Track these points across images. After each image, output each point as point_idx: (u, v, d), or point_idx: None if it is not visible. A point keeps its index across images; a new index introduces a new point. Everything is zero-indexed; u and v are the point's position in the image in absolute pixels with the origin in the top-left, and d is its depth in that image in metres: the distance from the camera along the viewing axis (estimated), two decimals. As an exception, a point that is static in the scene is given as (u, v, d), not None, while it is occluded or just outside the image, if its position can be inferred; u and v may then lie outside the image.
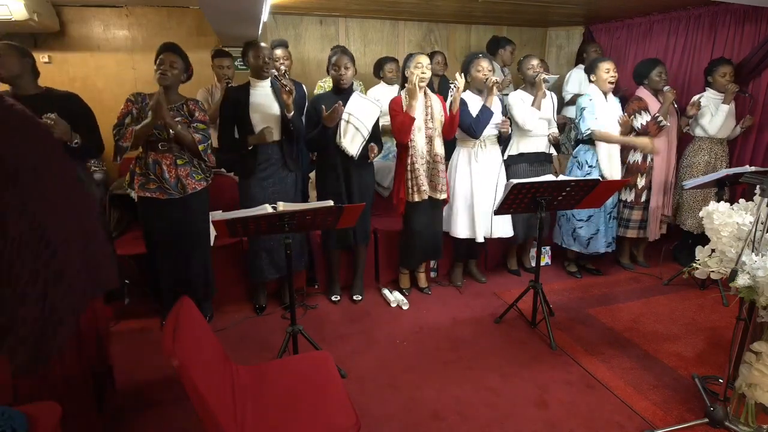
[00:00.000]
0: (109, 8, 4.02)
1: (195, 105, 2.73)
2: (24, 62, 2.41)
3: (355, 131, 2.96)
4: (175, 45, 2.65)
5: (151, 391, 2.40)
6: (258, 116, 2.84)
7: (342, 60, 2.92)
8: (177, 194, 2.70)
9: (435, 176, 3.10)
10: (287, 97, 2.72)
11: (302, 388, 1.77)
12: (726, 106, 3.42)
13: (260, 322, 3.08)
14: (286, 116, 2.80)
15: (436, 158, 3.07)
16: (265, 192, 2.91)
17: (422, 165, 3.05)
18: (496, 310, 3.15)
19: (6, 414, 1.44)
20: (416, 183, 3.05)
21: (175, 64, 2.61)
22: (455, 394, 2.35)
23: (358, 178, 3.06)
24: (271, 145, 2.89)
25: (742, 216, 1.92)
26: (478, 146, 3.23)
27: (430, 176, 3.10)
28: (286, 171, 2.97)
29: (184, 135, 2.61)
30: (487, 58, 3.15)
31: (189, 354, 1.43)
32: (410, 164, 3.04)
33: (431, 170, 3.10)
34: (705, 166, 3.58)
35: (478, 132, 3.11)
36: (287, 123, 2.83)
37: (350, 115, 2.94)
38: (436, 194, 3.13)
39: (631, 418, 2.18)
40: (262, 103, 2.85)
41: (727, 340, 2.70)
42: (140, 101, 2.65)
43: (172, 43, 2.65)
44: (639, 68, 3.59)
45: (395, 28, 4.93)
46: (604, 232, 3.53)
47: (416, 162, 3.03)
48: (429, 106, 3.03)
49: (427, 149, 3.06)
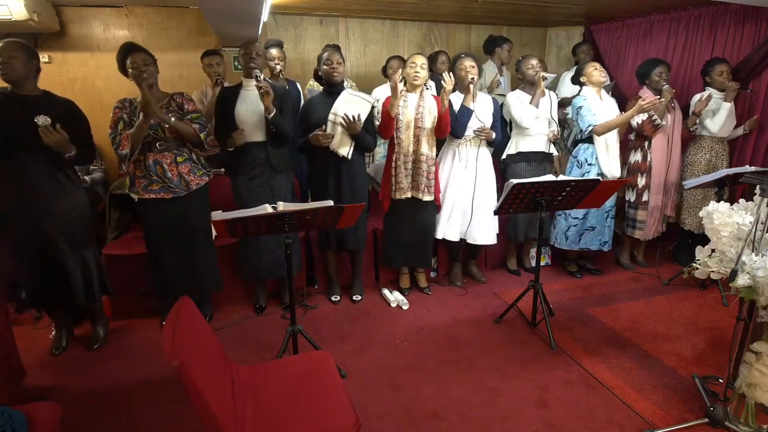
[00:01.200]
0: (109, 8, 4.01)
1: (182, 98, 2.73)
2: (31, 65, 2.41)
3: (343, 131, 2.94)
4: (134, 44, 2.62)
5: (151, 391, 2.40)
6: (242, 116, 2.83)
7: (334, 56, 2.93)
8: (182, 191, 2.71)
9: (418, 175, 3.09)
10: (265, 98, 2.69)
11: (302, 388, 1.77)
12: (728, 104, 3.42)
13: (260, 322, 3.08)
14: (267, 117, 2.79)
15: (421, 158, 3.06)
16: (252, 193, 2.91)
17: (405, 163, 3.06)
18: (496, 310, 3.15)
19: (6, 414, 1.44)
20: (397, 180, 3.07)
21: (147, 61, 2.58)
22: (455, 394, 2.35)
23: (348, 180, 3.05)
24: (256, 145, 2.88)
25: (742, 216, 1.92)
26: (462, 145, 3.23)
27: (413, 175, 3.09)
28: (273, 172, 2.95)
29: (180, 126, 2.60)
30: (470, 57, 3.13)
31: (189, 354, 1.43)
32: (394, 161, 3.06)
33: (415, 169, 3.09)
34: (706, 165, 3.58)
35: (458, 131, 3.11)
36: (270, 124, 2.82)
37: (336, 115, 2.94)
38: (419, 194, 3.11)
39: (631, 418, 2.17)
40: (248, 103, 2.84)
41: (727, 340, 2.70)
42: (128, 106, 2.64)
43: (131, 43, 2.63)
44: (641, 68, 3.59)
45: (395, 28, 4.93)
46: (600, 231, 3.53)
47: (399, 159, 3.05)
48: (421, 105, 3.03)
49: (413, 148, 3.06)
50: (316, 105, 3.00)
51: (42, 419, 1.57)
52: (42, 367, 2.62)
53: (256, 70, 2.75)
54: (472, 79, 3.05)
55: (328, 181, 3.04)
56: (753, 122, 3.57)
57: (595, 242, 3.54)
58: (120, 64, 2.60)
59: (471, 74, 3.06)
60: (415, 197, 3.13)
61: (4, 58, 2.32)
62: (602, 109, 3.37)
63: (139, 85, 2.53)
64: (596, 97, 3.39)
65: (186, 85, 2.81)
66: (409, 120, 3.02)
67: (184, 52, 4.22)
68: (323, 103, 2.98)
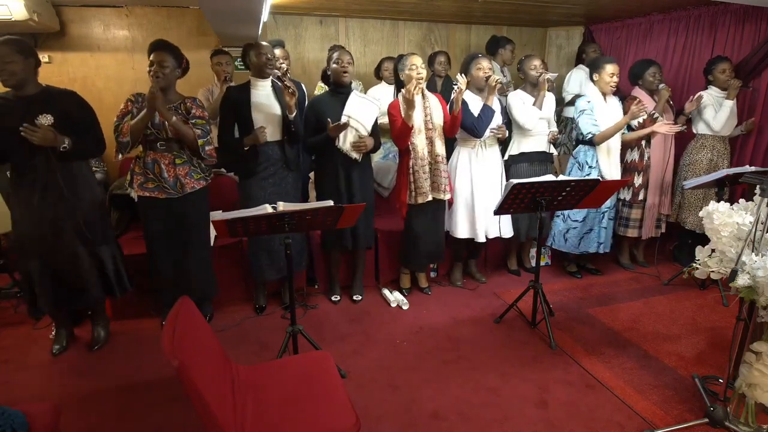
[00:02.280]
0: (109, 8, 4.01)
1: (192, 102, 2.72)
2: (28, 63, 2.34)
3: (355, 133, 2.96)
4: (164, 42, 2.60)
5: (151, 391, 2.40)
6: (260, 116, 2.83)
7: (345, 56, 2.93)
8: (175, 193, 2.69)
9: (437, 177, 3.09)
10: (290, 98, 2.71)
11: (302, 388, 1.77)
12: (730, 101, 3.42)
13: (260, 322, 3.08)
14: (288, 116, 2.80)
15: (437, 159, 3.06)
16: (264, 192, 2.91)
17: (423, 167, 3.04)
18: (496, 310, 3.15)
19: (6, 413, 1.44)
20: (418, 185, 3.04)
21: (165, 62, 2.55)
22: (455, 394, 2.35)
23: (359, 180, 3.05)
24: (272, 145, 2.89)
25: (742, 216, 1.92)
26: (479, 146, 3.23)
27: (432, 177, 3.09)
28: (287, 171, 2.97)
29: (179, 127, 2.58)
30: (487, 57, 3.16)
31: (189, 354, 1.43)
32: (411, 167, 3.03)
33: (433, 171, 3.09)
34: (707, 164, 3.58)
35: (481, 132, 3.11)
36: (288, 123, 2.83)
37: (349, 117, 2.94)
38: (440, 194, 3.12)
39: (631, 418, 2.17)
40: (263, 103, 2.85)
41: (727, 340, 2.70)
42: (140, 101, 2.63)
43: (161, 41, 2.61)
44: (634, 69, 3.60)
45: (395, 28, 4.93)
46: (598, 233, 3.53)
47: (416, 164, 3.02)
48: (427, 107, 3.03)
49: (428, 150, 3.05)
50: (325, 105, 2.97)
51: (42, 419, 1.57)
52: (42, 367, 2.62)
53: (276, 71, 2.79)
54: (498, 80, 3.05)
55: (339, 182, 3.02)
56: (750, 124, 3.58)
57: (593, 245, 3.54)
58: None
59: (489, 74, 3.07)
60: (435, 198, 3.12)
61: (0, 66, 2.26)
62: (606, 113, 3.36)
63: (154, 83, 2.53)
64: (601, 99, 3.37)
65: (187, 84, 2.80)
66: (420, 123, 3.01)
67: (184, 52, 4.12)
68: (331, 103, 2.96)
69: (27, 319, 3.05)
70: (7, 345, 2.84)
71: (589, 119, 3.34)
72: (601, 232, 3.54)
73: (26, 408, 1.56)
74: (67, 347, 2.77)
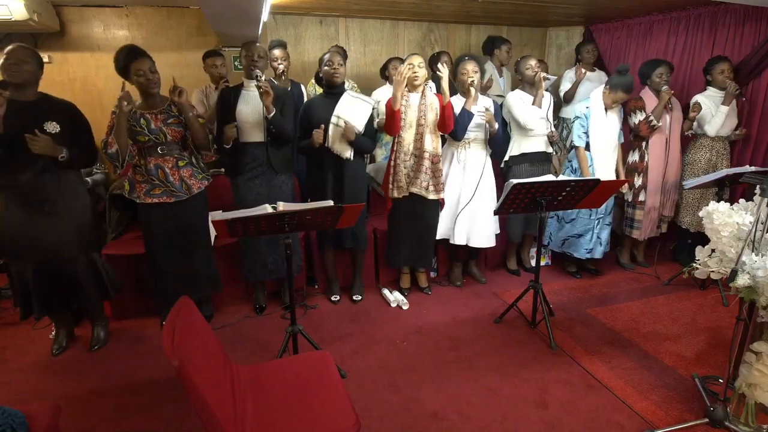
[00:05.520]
0: (109, 8, 4.01)
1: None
2: (38, 74, 2.42)
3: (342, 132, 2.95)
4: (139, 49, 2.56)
5: (151, 391, 2.40)
6: (243, 116, 2.83)
7: (335, 57, 2.94)
8: (184, 195, 2.71)
9: (419, 172, 3.06)
10: (265, 98, 2.68)
11: (302, 388, 1.77)
12: (725, 107, 3.42)
13: (260, 322, 3.08)
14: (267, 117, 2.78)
15: (423, 155, 3.04)
16: (251, 192, 2.91)
17: (405, 161, 3.05)
18: (496, 310, 3.15)
19: (6, 413, 1.44)
20: (396, 179, 3.07)
21: (154, 68, 2.57)
22: (455, 394, 2.35)
23: (350, 180, 3.05)
24: (256, 145, 2.88)
25: (742, 216, 1.92)
26: (462, 147, 3.23)
27: (415, 173, 3.08)
28: (273, 173, 2.95)
29: (195, 123, 2.63)
30: (473, 60, 3.12)
31: (189, 354, 1.43)
32: (393, 159, 3.07)
33: (415, 166, 3.07)
34: (706, 164, 3.58)
35: (458, 134, 3.12)
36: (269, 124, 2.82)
37: (338, 118, 2.94)
38: (421, 191, 3.09)
39: (631, 418, 2.18)
40: (249, 103, 2.84)
41: (727, 340, 2.70)
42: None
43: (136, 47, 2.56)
44: (642, 68, 3.59)
45: (395, 28, 4.93)
46: (589, 239, 3.51)
47: (399, 158, 3.05)
48: (423, 104, 3.02)
49: (415, 146, 3.05)
50: (317, 107, 3.00)
51: (42, 419, 1.57)
52: (42, 367, 2.62)
53: (257, 71, 2.75)
54: (471, 83, 3.05)
55: (327, 182, 3.03)
56: (741, 134, 3.58)
57: (582, 251, 3.53)
58: (122, 69, 2.53)
59: (472, 78, 3.06)
60: (420, 195, 3.11)
61: (15, 61, 2.31)
62: (602, 126, 3.36)
63: (145, 91, 2.53)
64: (601, 111, 3.37)
65: (186, 85, 2.79)
66: (413, 120, 3.01)
67: (184, 52, 4.22)
68: (323, 105, 2.99)
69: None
70: (7, 345, 2.84)
71: (580, 128, 3.37)
72: (594, 238, 3.51)
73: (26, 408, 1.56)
74: (66, 347, 2.78)
